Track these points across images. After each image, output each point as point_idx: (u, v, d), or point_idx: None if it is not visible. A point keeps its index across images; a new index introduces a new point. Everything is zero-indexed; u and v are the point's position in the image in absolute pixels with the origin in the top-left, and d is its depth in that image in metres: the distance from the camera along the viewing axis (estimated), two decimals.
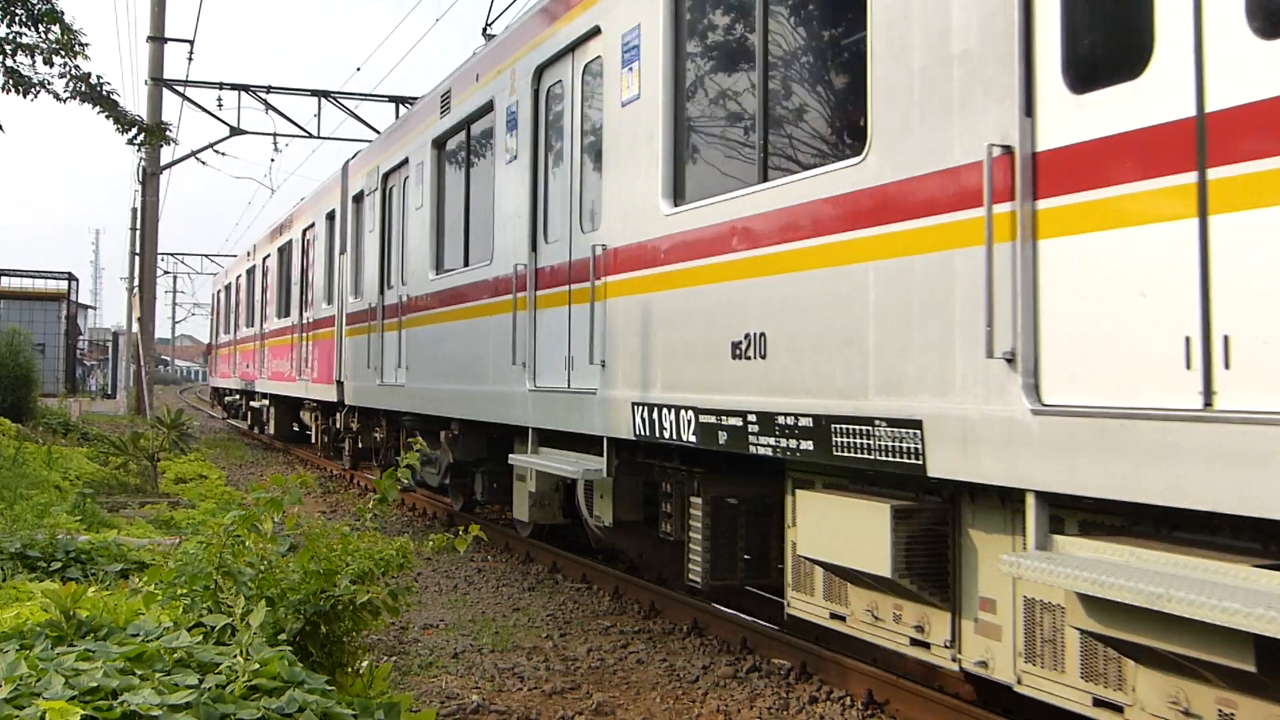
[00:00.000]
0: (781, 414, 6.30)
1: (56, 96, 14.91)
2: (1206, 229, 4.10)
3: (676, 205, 7.68)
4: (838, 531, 6.00)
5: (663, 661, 7.90)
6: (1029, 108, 4.82)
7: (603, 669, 7.75)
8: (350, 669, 5.49)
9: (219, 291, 39.30)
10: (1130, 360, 4.36)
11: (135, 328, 34.84)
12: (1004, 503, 5.27)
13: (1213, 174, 4.08)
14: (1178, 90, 4.22)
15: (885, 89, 5.59)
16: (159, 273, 41.32)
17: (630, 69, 8.22)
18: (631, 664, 7.88)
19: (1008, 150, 4.83)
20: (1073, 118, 4.65)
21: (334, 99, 32.29)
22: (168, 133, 18.59)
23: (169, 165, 32.65)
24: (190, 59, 31.57)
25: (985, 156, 4.88)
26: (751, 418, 6.56)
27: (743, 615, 8.59)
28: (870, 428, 5.62)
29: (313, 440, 23.69)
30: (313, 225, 21.56)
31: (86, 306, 60.42)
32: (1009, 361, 4.82)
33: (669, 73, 7.80)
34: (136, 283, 35.18)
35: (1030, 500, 4.70)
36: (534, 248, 10.03)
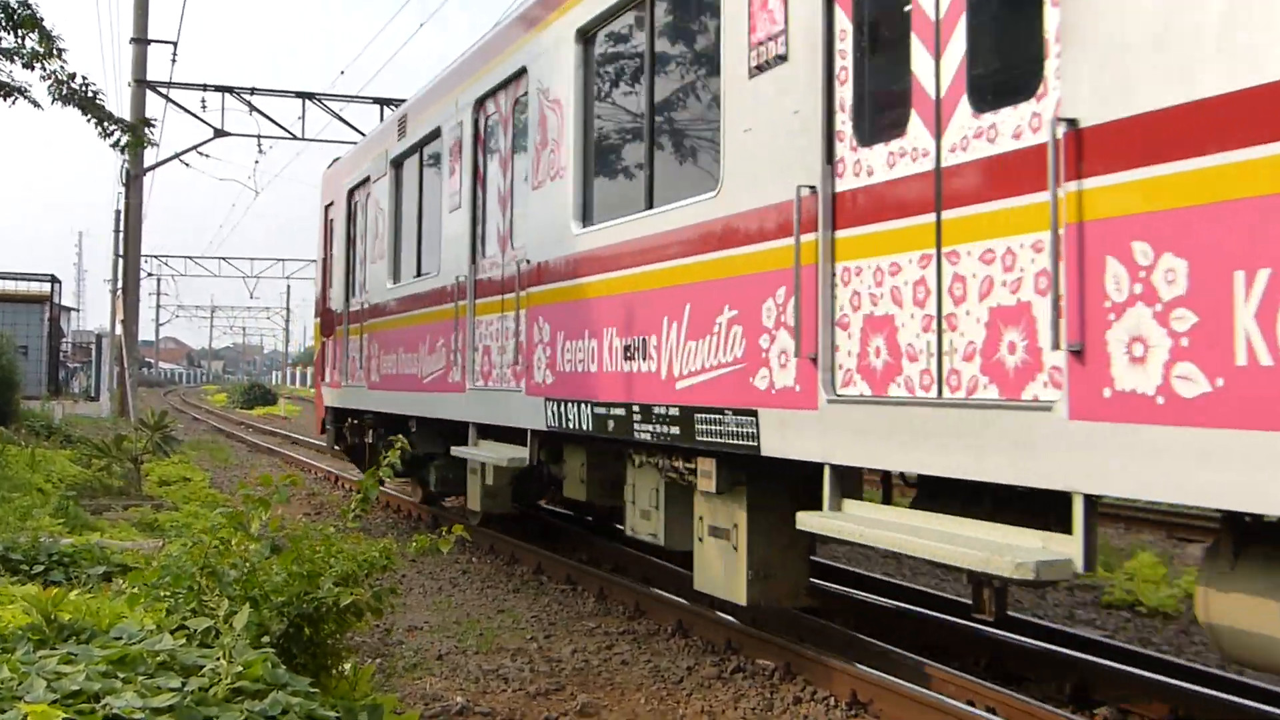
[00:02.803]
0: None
1: (35, 104, 14.83)
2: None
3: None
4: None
5: (647, 662, 7.91)
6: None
7: (587, 670, 7.75)
8: (334, 671, 5.49)
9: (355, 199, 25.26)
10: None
11: (119, 330, 34.71)
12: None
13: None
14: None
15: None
16: (143, 275, 41.18)
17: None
18: (616, 665, 7.89)
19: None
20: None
21: (318, 101, 32.26)
22: (150, 129, 18.42)
23: (153, 167, 32.59)
24: (174, 60, 31.58)
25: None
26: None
27: (727, 616, 8.60)
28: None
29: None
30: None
31: (70, 309, 60.16)
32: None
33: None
34: (120, 285, 35.05)
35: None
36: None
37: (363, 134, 32.70)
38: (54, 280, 48.23)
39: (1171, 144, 4.32)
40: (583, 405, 8.80)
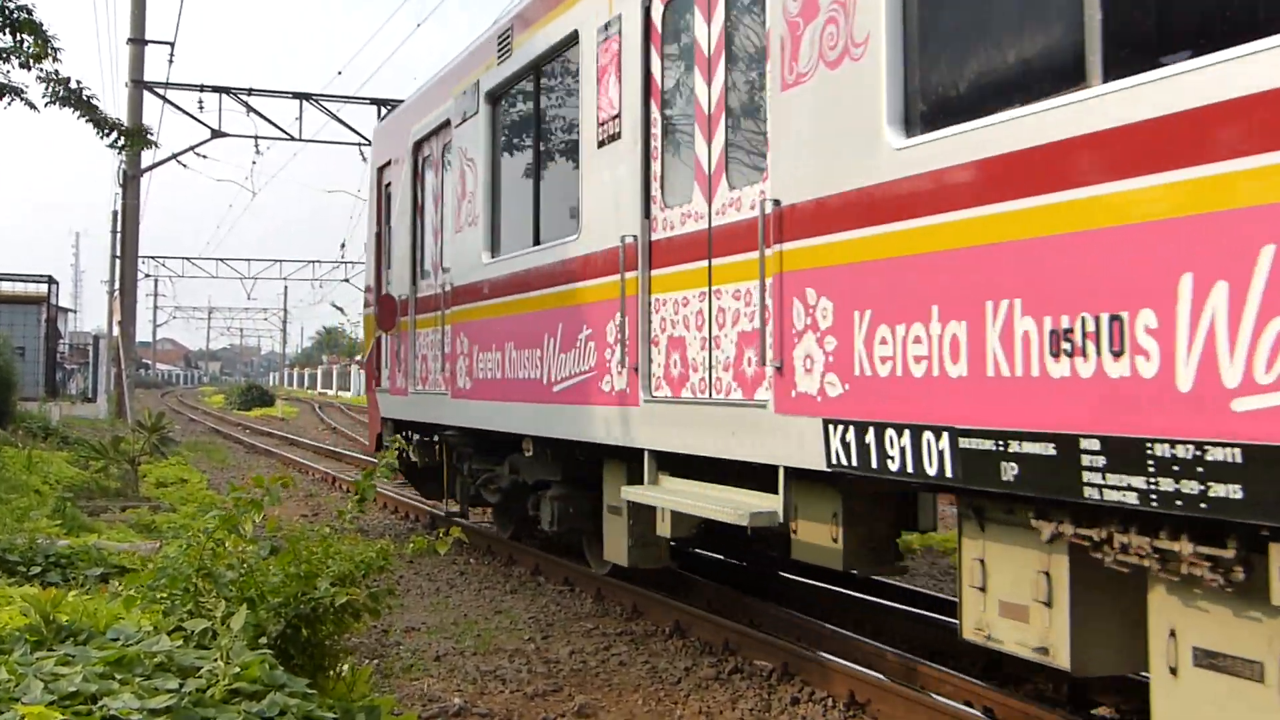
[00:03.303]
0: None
1: (31, 106, 14.82)
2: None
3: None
4: None
5: (645, 663, 7.92)
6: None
7: (585, 671, 7.75)
8: (332, 672, 5.49)
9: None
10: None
11: (116, 331, 34.70)
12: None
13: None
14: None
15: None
16: (140, 276, 41.15)
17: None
18: (614, 666, 7.89)
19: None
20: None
21: (316, 102, 32.24)
22: (149, 136, 18.41)
23: (150, 168, 32.58)
24: (171, 61, 31.29)
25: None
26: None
27: (724, 619, 8.61)
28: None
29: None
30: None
31: (67, 310, 60.13)
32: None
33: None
34: (117, 286, 35.04)
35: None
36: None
37: (361, 134, 32.72)
38: (51, 281, 48.21)
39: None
40: (942, 435, 5.29)
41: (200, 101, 31.30)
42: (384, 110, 32.29)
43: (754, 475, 7.11)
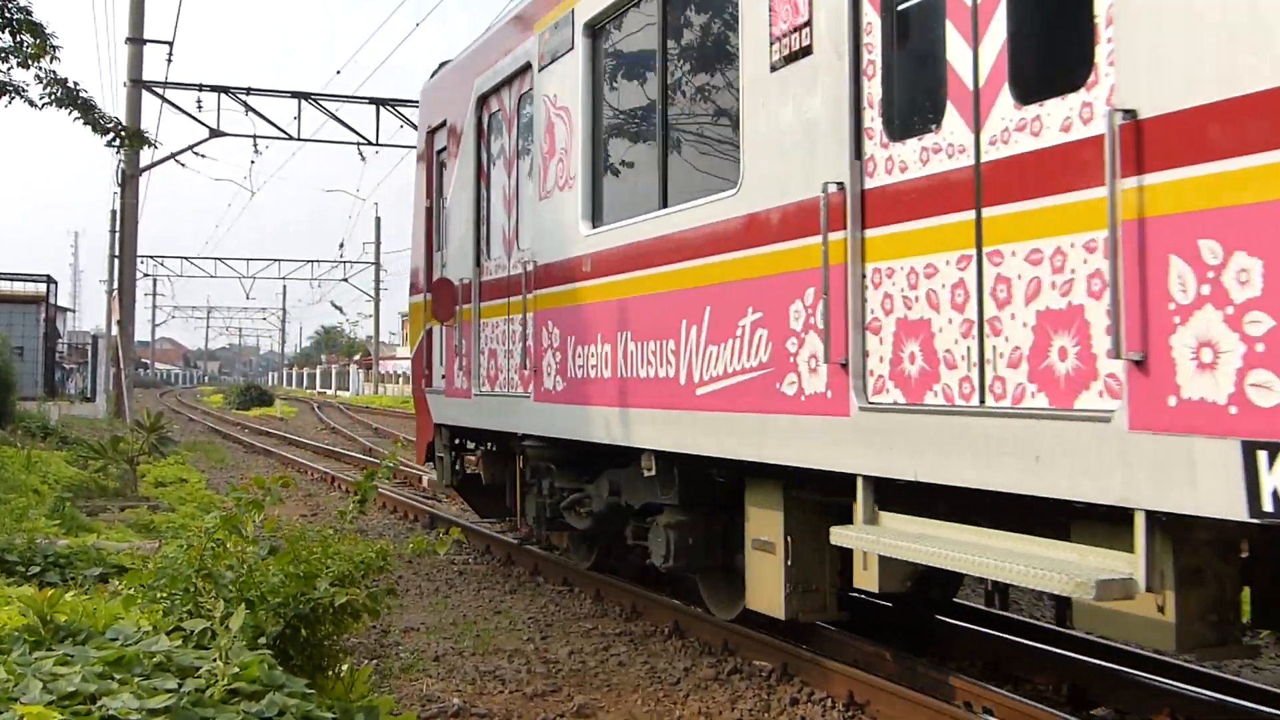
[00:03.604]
0: None
1: (32, 104, 14.83)
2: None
3: None
4: None
5: (644, 663, 7.91)
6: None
7: (584, 671, 7.75)
8: (331, 672, 5.48)
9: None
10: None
11: (115, 331, 34.69)
12: None
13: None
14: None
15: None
16: (138, 275, 41.17)
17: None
18: (613, 666, 7.88)
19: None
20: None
21: (314, 101, 32.23)
22: (146, 136, 18.43)
23: (148, 168, 32.58)
24: (169, 60, 31.27)
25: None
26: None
27: (725, 619, 8.60)
28: None
29: None
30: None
31: (65, 309, 60.08)
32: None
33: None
34: (116, 286, 35.03)
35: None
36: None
37: (360, 134, 32.71)
38: (50, 281, 48.18)
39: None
40: None
41: (199, 101, 31.30)
42: (383, 110, 32.32)
43: (1009, 510, 5.27)
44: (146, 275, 77.45)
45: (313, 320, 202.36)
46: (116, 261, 35.07)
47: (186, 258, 76.43)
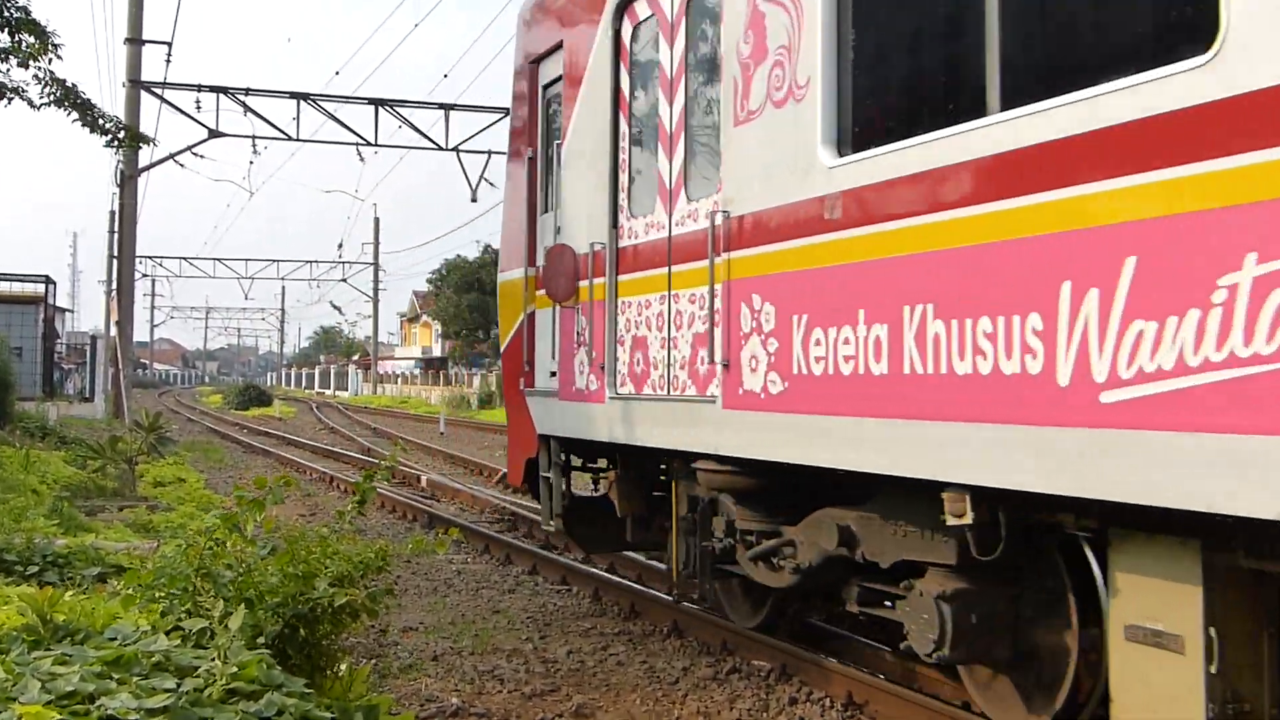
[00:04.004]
0: None
1: (31, 104, 14.83)
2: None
3: None
4: None
5: (643, 663, 7.91)
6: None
7: (583, 671, 7.75)
8: (329, 672, 5.48)
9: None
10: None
11: (113, 331, 34.69)
12: None
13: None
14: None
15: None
16: (137, 276, 41.15)
17: None
18: (611, 666, 7.88)
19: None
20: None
21: (313, 102, 32.23)
22: (145, 135, 18.46)
23: (147, 168, 32.57)
24: (168, 61, 31.25)
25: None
26: None
27: (723, 618, 8.60)
28: None
29: None
30: None
31: (64, 310, 60.10)
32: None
33: None
34: (114, 286, 35.02)
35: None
36: None
37: (359, 134, 32.71)
38: (48, 281, 48.16)
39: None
40: None
41: (198, 101, 31.29)
42: (382, 111, 32.30)
43: None
44: (145, 276, 77.46)
45: (311, 321, 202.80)
46: (115, 262, 35.07)
47: (185, 258, 76.43)
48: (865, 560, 6.46)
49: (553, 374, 9.41)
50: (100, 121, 15.97)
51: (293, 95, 32.34)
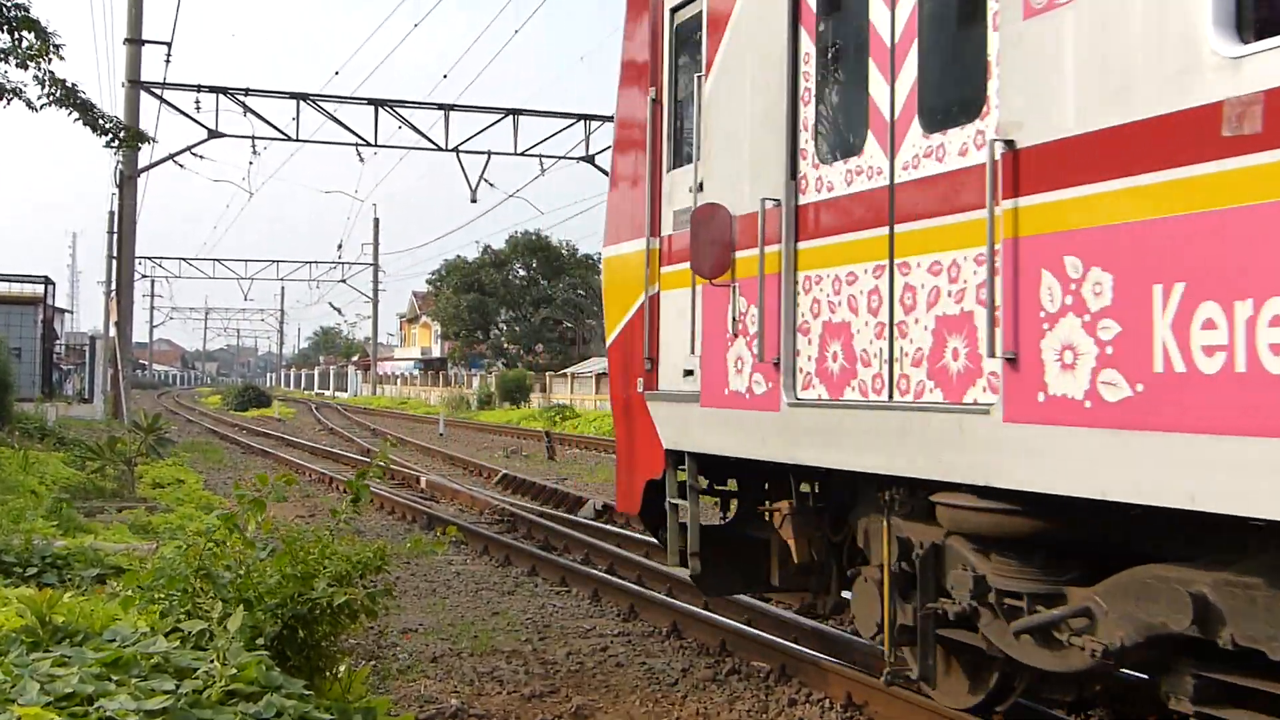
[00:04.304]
0: None
1: (30, 105, 14.83)
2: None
3: None
4: None
5: (642, 664, 7.91)
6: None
7: (582, 672, 7.75)
8: (328, 673, 5.48)
9: None
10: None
11: (112, 332, 34.69)
12: None
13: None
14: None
15: None
16: (136, 276, 41.14)
17: None
18: (611, 667, 7.88)
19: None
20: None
21: (313, 102, 32.22)
22: (145, 134, 18.47)
23: (146, 169, 32.54)
24: (168, 61, 31.20)
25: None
26: None
27: (722, 618, 8.60)
28: None
29: None
30: None
31: (63, 310, 60.10)
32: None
33: None
34: (114, 287, 35.02)
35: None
36: None
37: (358, 135, 32.69)
38: (48, 282, 48.15)
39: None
40: None
41: (197, 102, 31.29)
42: (381, 111, 32.30)
43: None
44: (144, 276, 77.43)
45: (311, 321, 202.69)
46: (114, 262, 35.07)
47: (184, 259, 76.42)
48: (1236, 647, 4.54)
49: (688, 372, 7.46)
50: (101, 122, 15.97)
51: (292, 95, 32.34)
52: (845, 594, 7.02)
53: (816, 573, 7.24)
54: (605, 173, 34.46)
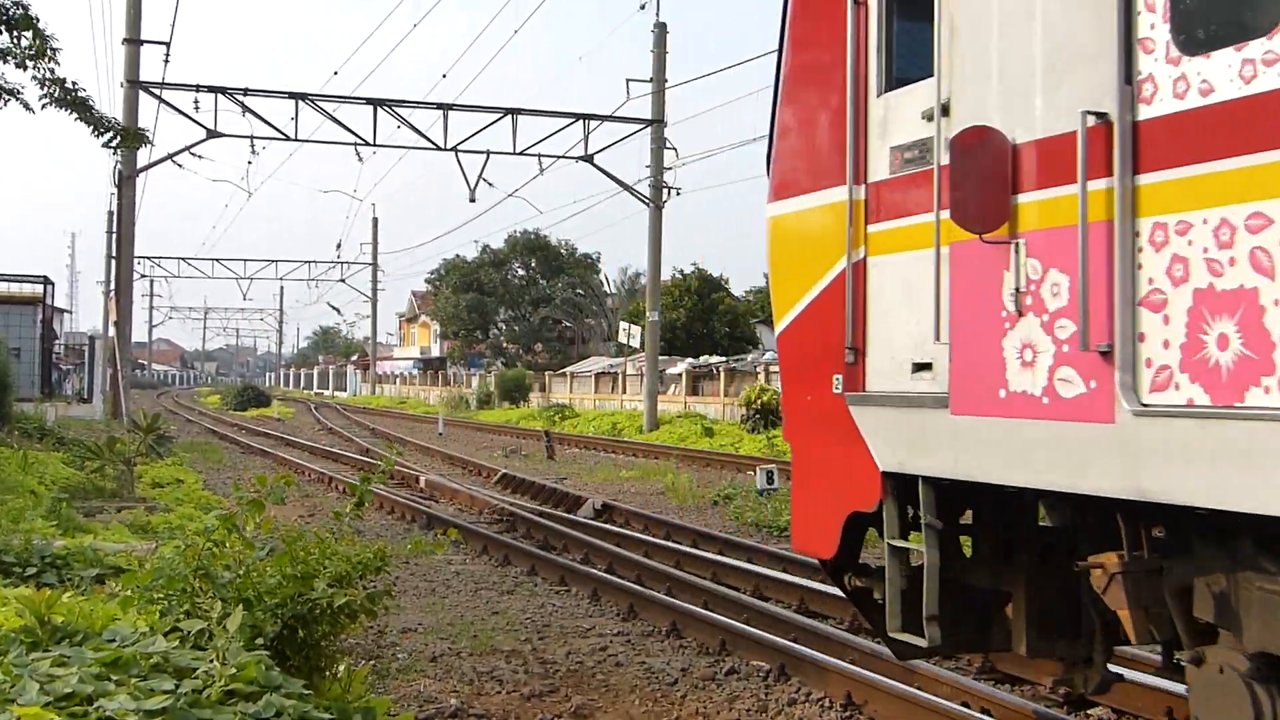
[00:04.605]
0: None
1: (27, 106, 14.81)
2: None
3: None
4: None
5: (641, 664, 7.91)
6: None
7: (581, 672, 7.75)
8: (328, 673, 5.48)
9: None
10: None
11: (112, 332, 34.68)
12: None
13: None
14: None
15: None
16: (135, 276, 41.13)
17: None
18: (610, 666, 7.88)
19: None
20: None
21: (312, 102, 32.18)
22: (144, 134, 18.46)
23: (145, 168, 32.51)
24: (166, 61, 31.16)
25: None
26: None
27: (721, 617, 8.60)
28: None
29: None
30: None
31: (62, 310, 60.09)
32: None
33: None
34: (113, 286, 35.02)
35: None
36: None
37: (357, 134, 32.66)
38: (47, 282, 48.14)
39: None
40: None
41: (196, 102, 31.22)
42: (380, 111, 32.27)
43: None
44: (144, 276, 77.34)
45: (310, 321, 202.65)
46: (113, 262, 35.07)
47: (184, 258, 76.35)
48: None
49: (920, 366, 5.47)
50: (100, 122, 15.96)
51: (291, 95, 32.27)
52: (1112, 668, 5.72)
53: (1069, 636, 5.57)
54: (605, 172, 34.55)
